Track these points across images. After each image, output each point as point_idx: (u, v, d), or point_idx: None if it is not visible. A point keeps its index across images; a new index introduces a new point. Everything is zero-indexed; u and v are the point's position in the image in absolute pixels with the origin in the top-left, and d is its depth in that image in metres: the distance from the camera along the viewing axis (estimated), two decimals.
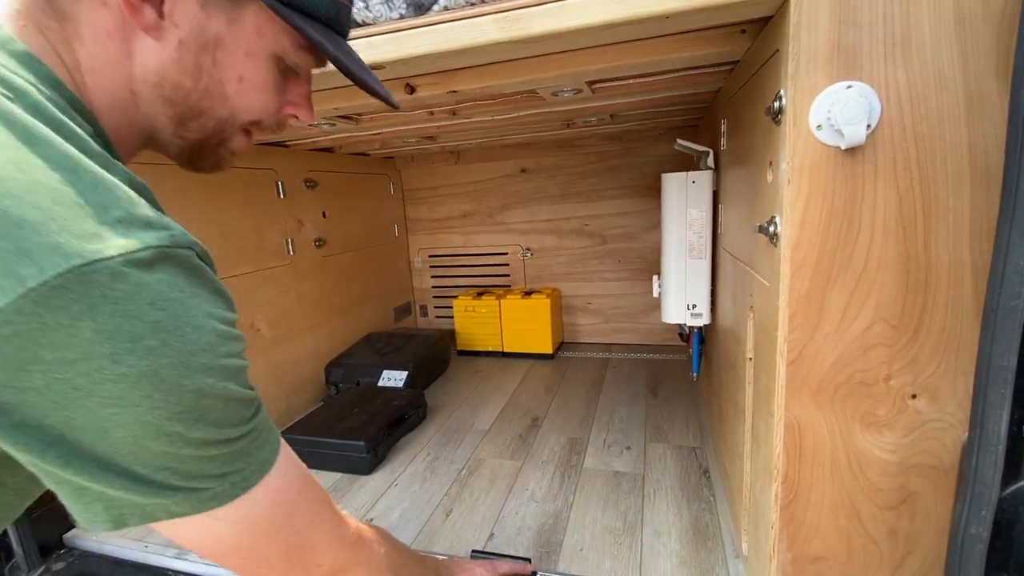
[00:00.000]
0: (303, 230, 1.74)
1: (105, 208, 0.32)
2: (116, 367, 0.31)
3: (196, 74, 0.44)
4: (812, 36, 0.59)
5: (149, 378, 0.32)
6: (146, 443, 0.34)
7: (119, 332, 0.31)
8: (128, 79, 0.42)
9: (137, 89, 0.43)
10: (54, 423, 0.32)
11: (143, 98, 0.44)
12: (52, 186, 0.31)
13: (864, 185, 0.60)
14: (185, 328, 0.34)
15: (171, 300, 0.34)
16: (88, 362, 0.31)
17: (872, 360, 0.65)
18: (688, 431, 1.41)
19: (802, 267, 0.64)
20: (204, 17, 0.42)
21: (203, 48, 0.43)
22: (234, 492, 0.40)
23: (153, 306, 0.32)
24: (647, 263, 2.17)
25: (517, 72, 0.90)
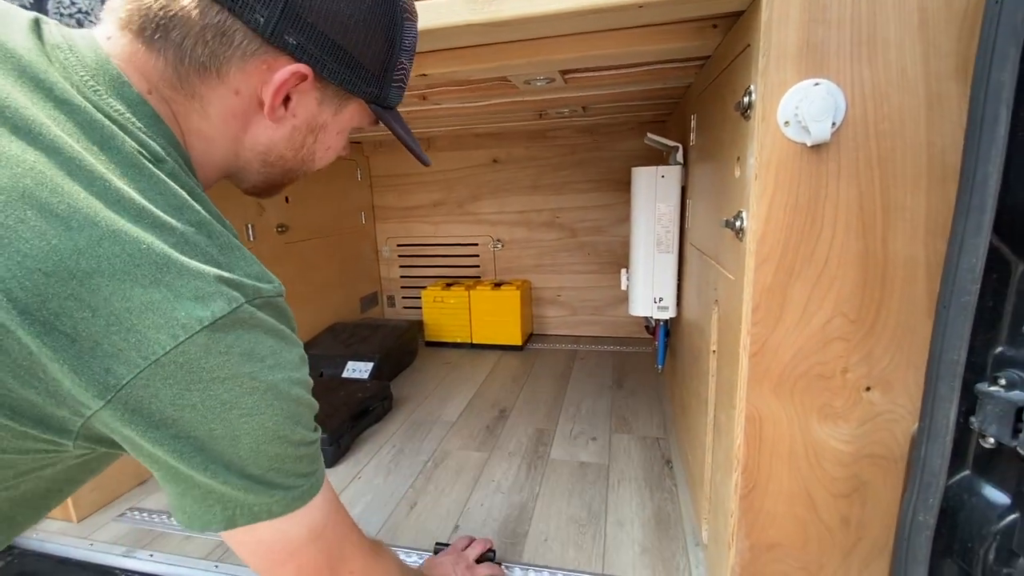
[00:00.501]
0: (264, 215, 1.68)
1: (235, 264, 0.42)
2: (253, 382, 0.41)
3: (299, 149, 0.53)
4: (783, 32, 0.59)
5: (272, 390, 0.42)
6: (264, 446, 0.43)
7: (254, 354, 0.41)
8: (238, 146, 0.50)
9: (242, 154, 0.51)
10: (199, 434, 0.40)
11: (243, 157, 0.52)
12: (204, 249, 0.40)
13: (828, 182, 0.62)
14: (285, 351, 0.44)
15: (276, 331, 0.44)
16: (235, 380, 0.40)
17: (830, 353, 0.66)
18: (652, 422, 1.43)
19: (766, 261, 0.65)
20: (318, 111, 0.51)
21: (310, 131, 0.52)
22: (312, 492, 0.48)
23: (268, 335, 0.43)
24: (615, 257, 2.19)
25: (488, 57, 0.88)
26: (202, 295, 0.38)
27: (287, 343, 0.45)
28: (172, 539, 1.04)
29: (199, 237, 0.40)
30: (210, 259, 0.40)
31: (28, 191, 0.34)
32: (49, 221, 0.34)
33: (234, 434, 0.41)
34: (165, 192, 0.40)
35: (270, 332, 0.43)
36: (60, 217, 0.35)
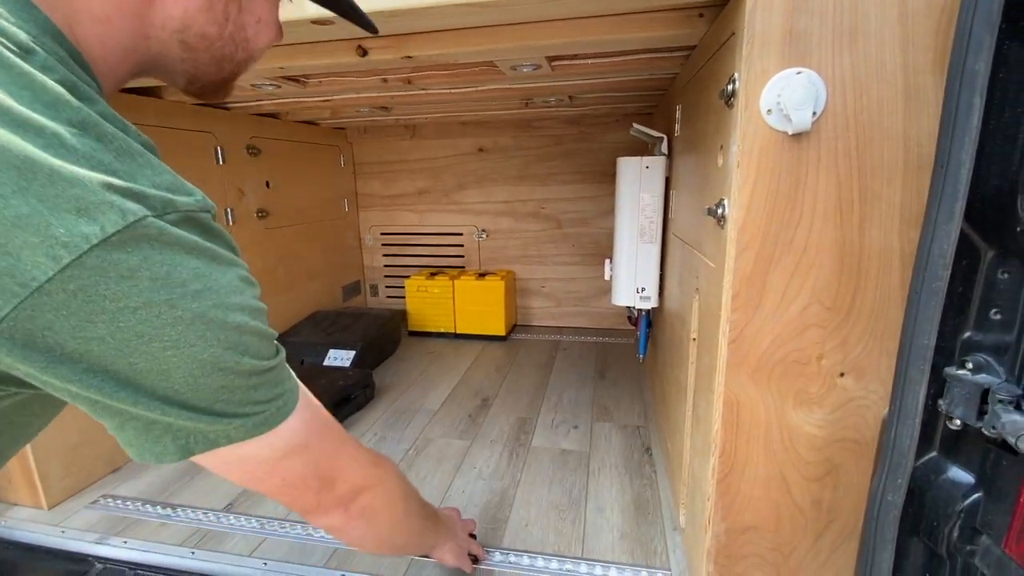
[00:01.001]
0: (244, 200, 1.64)
1: (137, 172, 0.35)
2: (173, 311, 0.36)
3: (223, 22, 0.44)
4: (767, 20, 0.60)
5: (200, 319, 0.37)
6: (204, 380, 0.39)
7: (171, 279, 0.35)
8: (145, 26, 0.42)
9: (154, 35, 0.42)
10: (118, 368, 0.35)
11: (156, 41, 0.43)
12: (89, 153, 0.33)
13: (808, 171, 0.62)
14: (217, 274, 0.39)
15: (201, 249, 0.38)
16: (149, 309, 0.35)
17: (807, 340, 0.68)
18: (633, 411, 1.45)
19: (747, 249, 0.66)
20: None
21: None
22: (279, 417, 0.45)
23: (191, 255, 0.37)
24: (600, 248, 2.20)
25: (475, 40, 0.87)
26: (85, 207, 0.32)
27: (218, 264, 0.39)
28: (148, 526, 1.03)
29: (82, 139, 0.33)
30: (97, 165, 0.33)
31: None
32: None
33: (162, 368, 0.36)
34: (32, 87, 0.33)
35: (193, 252, 0.37)
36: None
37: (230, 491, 1.13)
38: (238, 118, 1.61)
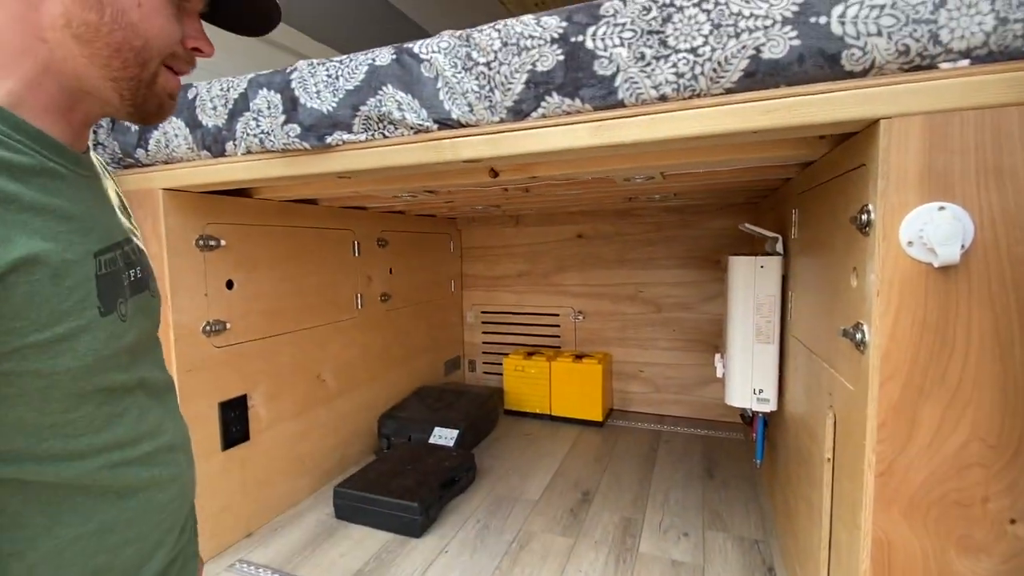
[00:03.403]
0: (371, 285, 1.84)
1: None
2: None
3: (99, 8, 0.44)
4: (902, 158, 0.62)
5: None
6: None
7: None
8: (36, 28, 0.43)
9: (47, 36, 0.44)
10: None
11: (56, 43, 0.44)
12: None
13: (958, 303, 0.61)
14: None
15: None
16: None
17: (968, 480, 0.62)
18: (749, 521, 1.35)
19: (892, 378, 0.63)
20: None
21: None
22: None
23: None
24: (703, 334, 2.14)
25: (597, 164, 0.96)
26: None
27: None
28: None
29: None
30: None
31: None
32: None
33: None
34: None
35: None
36: None
37: (349, 566, 1.19)
38: (372, 216, 1.85)
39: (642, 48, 0.70)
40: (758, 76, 0.66)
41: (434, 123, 0.84)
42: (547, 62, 0.75)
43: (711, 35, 0.67)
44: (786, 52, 0.64)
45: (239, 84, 0.99)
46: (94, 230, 0.47)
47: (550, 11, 0.76)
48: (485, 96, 0.80)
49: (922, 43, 0.60)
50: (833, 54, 0.63)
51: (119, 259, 0.50)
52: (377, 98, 0.86)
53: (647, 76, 0.70)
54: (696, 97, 0.69)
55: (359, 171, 0.94)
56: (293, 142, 0.92)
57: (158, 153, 1.10)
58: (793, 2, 0.64)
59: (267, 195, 1.35)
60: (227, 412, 1.26)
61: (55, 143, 0.46)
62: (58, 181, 0.44)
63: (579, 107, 0.75)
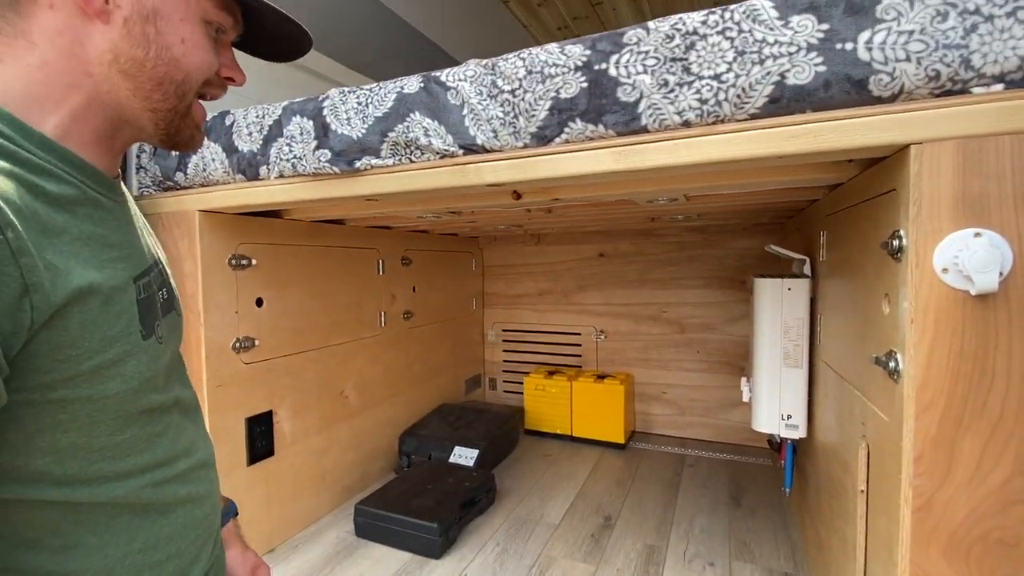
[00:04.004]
0: (395, 303, 1.86)
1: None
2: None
3: (145, 44, 0.47)
4: (935, 183, 0.60)
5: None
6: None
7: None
8: (83, 63, 0.45)
9: (95, 71, 0.46)
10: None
11: (102, 77, 0.46)
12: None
13: (998, 332, 0.59)
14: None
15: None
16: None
17: (1013, 517, 0.59)
18: (778, 552, 1.30)
19: (929, 409, 0.61)
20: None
21: (145, 20, 0.47)
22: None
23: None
24: (728, 356, 2.10)
25: (620, 187, 0.96)
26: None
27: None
28: None
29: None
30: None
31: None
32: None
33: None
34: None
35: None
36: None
37: None
38: (397, 235, 1.88)
39: (665, 75, 0.71)
40: (783, 102, 0.66)
41: (459, 148, 0.86)
42: (571, 89, 0.76)
43: (735, 62, 0.67)
44: (811, 78, 0.64)
45: (274, 111, 1.03)
46: (132, 256, 0.49)
47: (574, 40, 0.77)
48: (509, 122, 0.81)
49: (953, 68, 0.60)
50: (860, 80, 0.63)
51: (152, 282, 0.52)
52: (405, 124, 0.89)
53: (670, 102, 0.71)
54: (720, 123, 0.70)
55: (386, 194, 0.96)
56: (324, 167, 0.95)
57: (196, 176, 1.14)
58: (818, 29, 0.64)
59: (296, 216, 1.38)
60: (253, 427, 1.29)
61: (98, 173, 0.48)
62: (101, 210, 0.47)
63: (602, 133, 0.76)
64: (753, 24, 0.67)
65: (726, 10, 0.68)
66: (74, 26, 0.45)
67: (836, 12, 0.63)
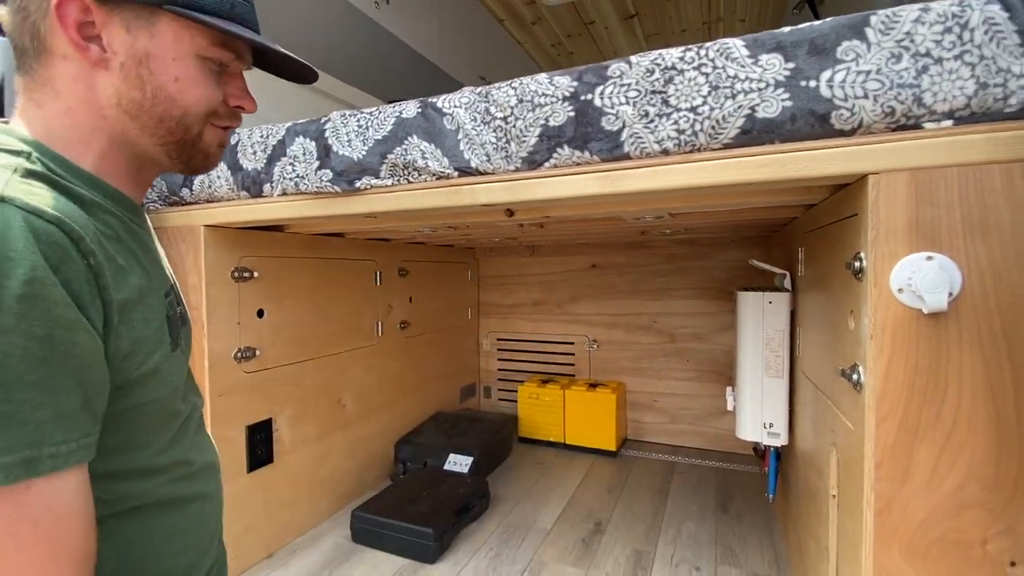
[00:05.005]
0: (392, 314, 1.90)
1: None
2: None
3: (141, 86, 0.50)
4: (890, 210, 0.66)
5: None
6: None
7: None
8: (98, 108, 0.50)
9: (107, 114, 0.50)
10: None
11: (114, 119, 0.51)
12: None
13: (949, 348, 0.64)
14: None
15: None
16: None
17: (966, 521, 0.64)
18: (763, 557, 1.34)
19: (887, 419, 0.66)
20: (131, 40, 0.49)
21: (139, 63, 0.50)
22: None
23: None
24: (717, 365, 2.15)
25: (606, 207, 1.01)
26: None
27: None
28: None
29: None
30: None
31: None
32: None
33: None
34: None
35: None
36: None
37: None
38: (394, 246, 1.93)
39: (646, 106, 0.76)
40: (753, 133, 0.71)
41: (455, 170, 0.91)
42: (559, 118, 0.81)
43: (710, 96, 0.73)
44: (779, 112, 0.70)
45: (278, 131, 1.08)
46: (159, 276, 0.54)
47: (562, 71, 0.83)
48: (502, 147, 0.86)
49: (906, 105, 0.65)
50: (823, 114, 0.68)
51: (174, 299, 0.57)
52: (403, 147, 0.94)
53: (651, 132, 0.76)
54: (696, 151, 0.75)
55: (385, 212, 1.01)
56: (325, 186, 1.00)
57: (201, 192, 1.19)
58: (785, 67, 0.69)
59: (297, 229, 1.43)
60: (253, 435, 1.32)
61: (132, 204, 0.53)
62: (135, 238, 0.52)
63: (588, 159, 0.81)
64: (726, 61, 0.72)
65: (702, 47, 0.74)
66: (85, 74, 0.49)
67: (801, 52, 0.69)
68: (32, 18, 0.47)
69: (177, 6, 0.50)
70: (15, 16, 0.48)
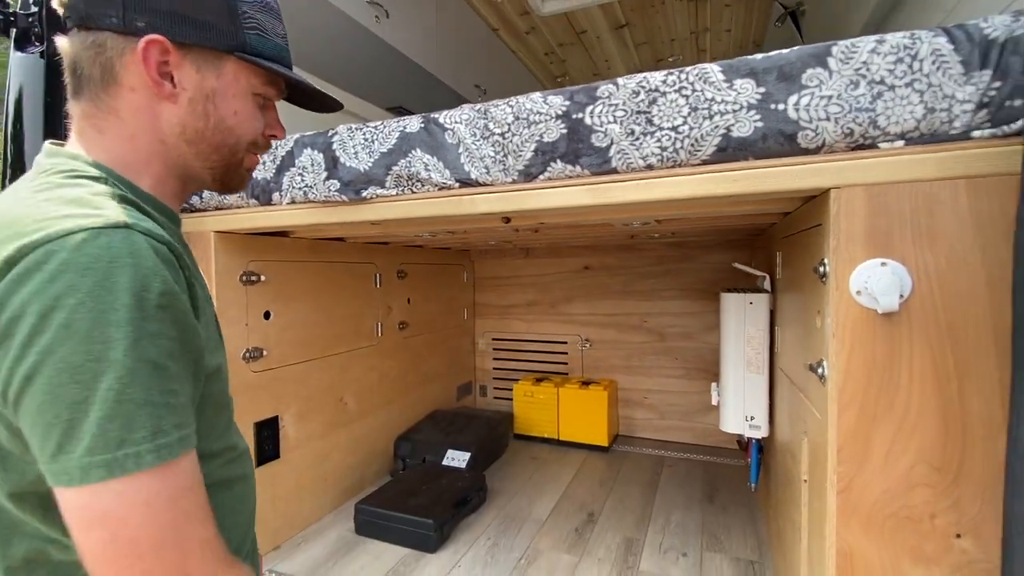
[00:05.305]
0: (391, 315, 1.97)
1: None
2: None
3: (205, 118, 0.57)
4: (850, 221, 0.73)
5: None
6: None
7: None
8: (161, 135, 0.56)
9: (168, 141, 0.57)
10: None
11: (172, 145, 0.57)
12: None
13: (901, 344, 0.71)
14: None
15: None
16: None
17: (917, 498, 0.72)
18: (746, 543, 1.42)
19: (848, 408, 0.74)
20: (200, 79, 0.57)
21: (206, 99, 0.57)
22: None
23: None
24: (705, 363, 2.23)
25: (596, 215, 1.08)
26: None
27: None
28: None
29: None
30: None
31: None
32: None
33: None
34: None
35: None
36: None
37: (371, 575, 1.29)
38: (394, 250, 1.99)
39: (632, 125, 0.83)
40: (729, 150, 0.79)
41: (456, 181, 0.97)
42: (552, 134, 0.88)
43: (689, 116, 0.80)
44: (752, 132, 0.77)
45: (286, 143, 1.14)
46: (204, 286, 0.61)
47: (555, 91, 0.90)
48: (500, 160, 0.93)
49: (864, 127, 0.73)
50: (790, 134, 0.76)
51: None
52: (407, 159, 1.00)
53: (636, 148, 0.83)
54: (677, 167, 0.82)
55: (389, 220, 1.08)
56: (333, 195, 1.07)
57: (211, 200, 1.25)
58: (756, 91, 0.77)
59: (302, 234, 1.49)
60: (261, 432, 1.38)
61: (177, 218, 0.61)
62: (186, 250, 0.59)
63: (579, 172, 0.88)
64: (705, 85, 0.79)
65: (683, 71, 0.81)
66: (150, 105, 0.56)
67: (771, 78, 0.76)
68: (108, 54, 0.53)
69: (244, 52, 0.58)
70: (88, 51, 0.54)
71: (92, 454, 0.40)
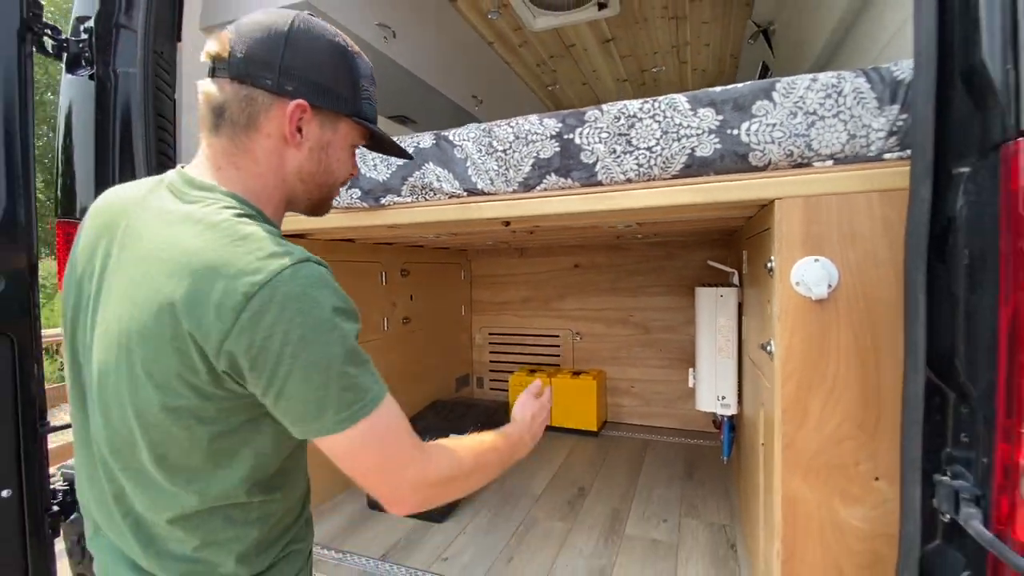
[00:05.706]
0: (395, 310, 2.12)
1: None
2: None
3: (318, 163, 0.69)
4: (790, 226, 0.90)
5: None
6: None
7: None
8: (283, 174, 0.67)
9: (287, 179, 0.68)
10: None
11: (289, 182, 0.68)
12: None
13: (830, 325, 0.88)
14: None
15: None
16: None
17: (844, 450, 0.89)
18: (719, 510, 1.59)
19: (790, 378, 0.91)
20: (321, 133, 0.68)
21: (322, 149, 0.69)
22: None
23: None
24: (686, 354, 2.40)
25: (585, 219, 1.24)
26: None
27: None
28: (326, 566, 1.35)
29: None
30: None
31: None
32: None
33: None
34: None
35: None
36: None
37: (386, 542, 1.44)
38: (397, 249, 2.14)
39: (614, 145, 0.99)
40: (694, 167, 0.95)
41: (464, 191, 1.13)
42: (547, 152, 1.04)
43: (661, 138, 0.96)
44: (712, 152, 0.94)
45: None
46: None
47: (550, 114, 1.06)
48: (502, 173, 1.09)
49: (801, 149, 0.89)
50: (743, 154, 0.92)
51: None
52: (421, 171, 1.15)
53: (617, 165, 0.99)
54: (652, 180, 0.98)
55: (404, 224, 1.23)
56: (355, 202, 1.22)
57: None
58: (716, 118, 0.93)
59: (317, 236, 1.63)
60: None
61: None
62: None
63: (570, 184, 1.04)
64: (674, 112, 0.96)
65: (656, 101, 0.97)
66: (279, 150, 0.67)
67: (727, 108, 0.93)
68: (256, 107, 0.64)
69: (358, 117, 0.71)
70: (240, 101, 0.64)
71: (339, 414, 0.57)
